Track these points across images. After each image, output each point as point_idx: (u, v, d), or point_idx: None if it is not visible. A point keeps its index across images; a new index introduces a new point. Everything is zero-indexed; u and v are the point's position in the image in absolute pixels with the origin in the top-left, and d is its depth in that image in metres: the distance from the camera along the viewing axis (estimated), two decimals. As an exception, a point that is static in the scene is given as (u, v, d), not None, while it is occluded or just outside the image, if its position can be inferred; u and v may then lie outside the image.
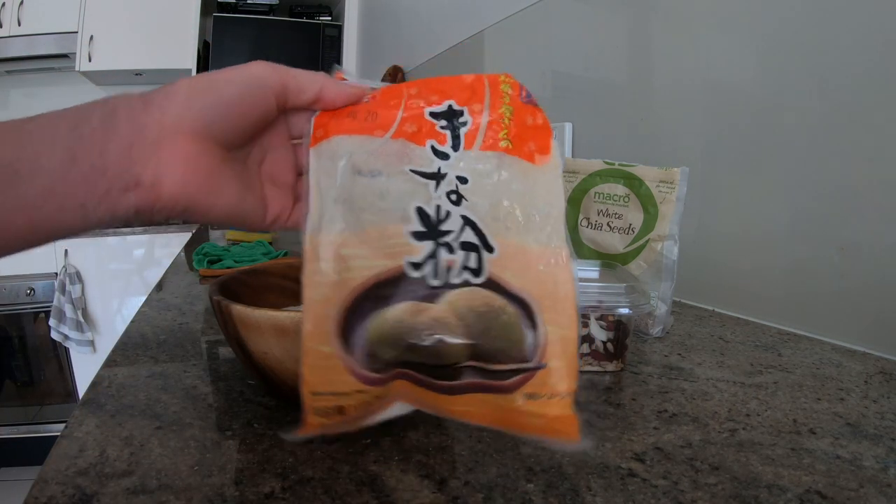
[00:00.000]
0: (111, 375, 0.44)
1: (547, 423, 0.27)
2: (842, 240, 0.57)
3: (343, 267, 0.27)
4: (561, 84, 1.03)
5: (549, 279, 0.28)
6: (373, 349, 0.27)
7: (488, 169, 0.29)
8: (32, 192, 0.23)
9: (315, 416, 0.27)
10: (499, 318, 0.27)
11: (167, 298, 0.72)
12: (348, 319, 0.27)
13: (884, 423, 0.38)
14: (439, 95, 0.30)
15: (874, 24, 0.54)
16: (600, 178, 0.62)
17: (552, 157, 0.30)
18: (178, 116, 0.26)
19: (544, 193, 0.29)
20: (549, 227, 0.28)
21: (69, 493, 0.28)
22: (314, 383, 0.27)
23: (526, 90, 0.31)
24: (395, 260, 0.27)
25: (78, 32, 2.28)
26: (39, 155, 0.23)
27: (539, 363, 0.27)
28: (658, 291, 0.57)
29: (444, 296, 0.27)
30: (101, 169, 0.24)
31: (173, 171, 0.26)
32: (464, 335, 0.27)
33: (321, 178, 0.29)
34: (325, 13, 2.61)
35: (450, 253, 0.28)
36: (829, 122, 0.58)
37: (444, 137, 0.29)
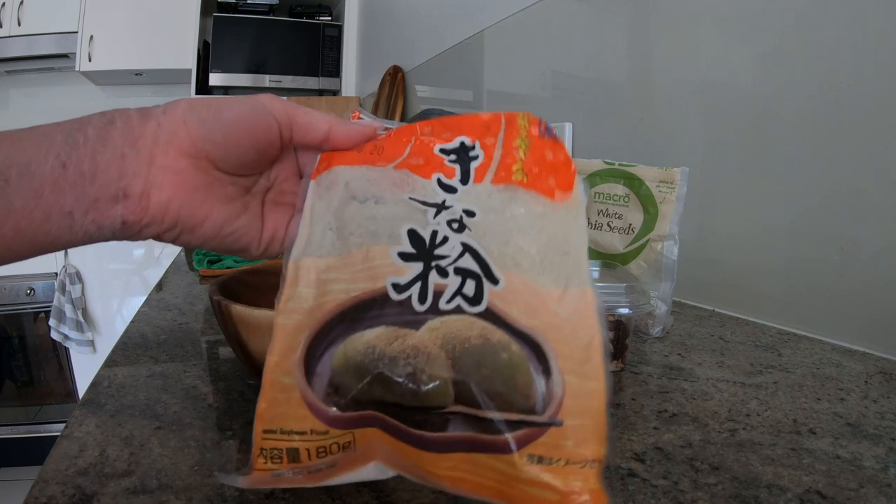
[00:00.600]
0: (111, 375, 0.44)
1: (562, 498, 0.21)
2: (842, 240, 0.57)
3: (321, 291, 0.24)
4: (561, 84, 1.03)
5: (567, 324, 0.23)
6: (337, 379, 0.23)
7: (500, 203, 0.25)
8: (21, 199, 0.23)
9: (263, 460, 0.23)
10: (497, 354, 0.22)
11: (167, 298, 0.72)
12: (316, 346, 0.23)
13: (884, 423, 0.38)
14: (451, 133, 0.27)
15: (874, 25, 0.54)
16: (600, 178, 0.62)
17: (574, 195, 0.26)
18: (174, 131, 0.26)
19: (564, 232, 0.25)
20: (570, 268, 0.24)
21: (69, 493, 0.28)
22: (268, 420, 0.23)
23: (546, 124, 0.28)
24: (377, 282, 0.24)
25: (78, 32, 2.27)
26: (31, 162, 0.23)
27: (552, 419, 0.21)
28: (658, 291, 0.57)
29: (427, 322, 0.23)
30: (91, 177, 0.24)
31: (163, 183, 0.25)
32: (448, 370, 0.22)
33: (316, 204, 0.27)
34: (325, 13, 2.61)
35: (442, 277, 0.23)
36: (829, 121, 0.58)
37: (453, 171, 0.26)
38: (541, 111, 1.07)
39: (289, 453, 0.23)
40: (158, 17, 2.37)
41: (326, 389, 0.23)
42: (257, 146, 0.28)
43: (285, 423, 0.23)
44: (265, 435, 0.23)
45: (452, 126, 0.28)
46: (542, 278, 0.23)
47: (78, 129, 0.25)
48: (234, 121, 0.27)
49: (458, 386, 0.22)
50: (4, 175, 0.23)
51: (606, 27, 0.92)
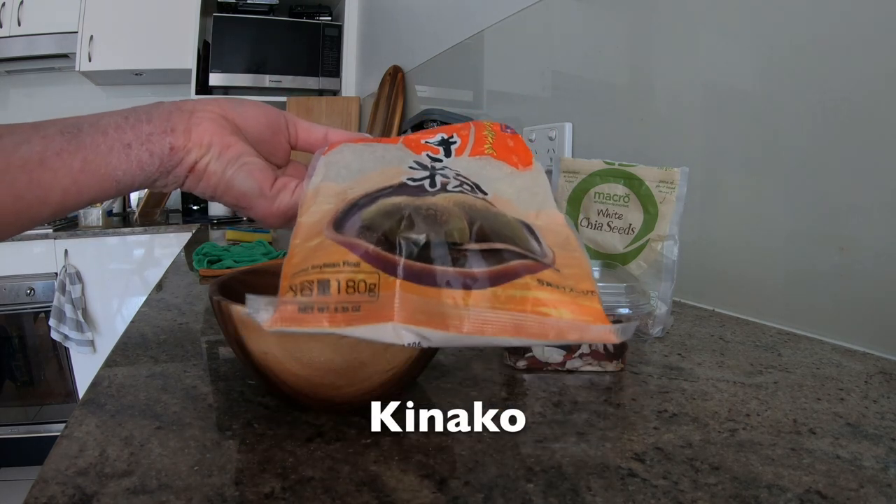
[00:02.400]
0: (111, 375, 0.44)
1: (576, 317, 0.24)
2: (842, 240, 0.57)
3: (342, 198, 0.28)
4: (561, 84, 1.03)
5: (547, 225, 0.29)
6: (369, 223, 0.25)
7: (478, 167, 0.33)
8: (90, 138, 0.30)
9: (292, 293, 0.23)
10: (500, 217, 0.27)
11: (167, 298, 0.72)
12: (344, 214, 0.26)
13: (884, 423, 0.38)
14: (432, 135, 0.36)
15: (874, 25, 0.54)
16: (600, 178, 0.62)
17: (535, 166, 0.34)
18: (206, 103, 0.34)
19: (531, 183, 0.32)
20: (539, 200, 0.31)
21: (69, 493, 0.28)
22: (296, 264, 0.24)
23: (506, 125, 0.37)
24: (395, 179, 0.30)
25: (78, 32, 2.27)
26: (100, 118, 0.31)
27: (551, 263, 0.25)
28: (658, 291, 0.57)
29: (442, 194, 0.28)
30: (147, 120, 0.32)
31: (201, 123, 0.33)
32: (464, 218, 0.26)
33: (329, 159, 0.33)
34: (325, 13, 2.61)
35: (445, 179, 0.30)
36: (829, 121, 0.58)
37: (438, 150, 0.34)
38: (541, 111, 1.07)
39: (320, 285, 0.23)
40: (158, 17, 2.37)
41: (359, 230, 0.25)
42: (270, 124, 0.36)
43: (317, 259, 0.23)
44: (295, 276, 0.23)
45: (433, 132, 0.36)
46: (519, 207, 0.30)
47: (131, 110, 0.33)
48: (251, 104, 0.36)
49: (473, 227, 0.25)
50: (77, 125, 0.31)
51: (606, 27, 0.92)
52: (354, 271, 0.23)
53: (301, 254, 0.24)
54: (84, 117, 0.31)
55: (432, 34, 1.61)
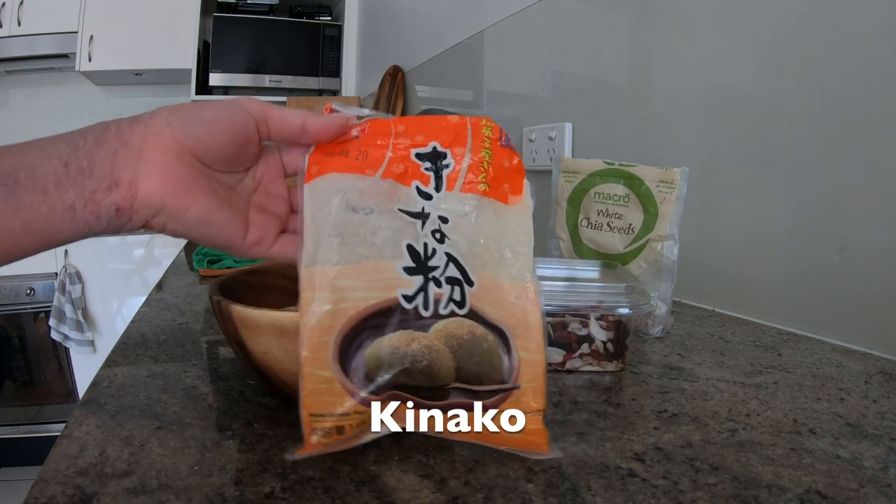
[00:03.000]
0: (111, 375, 0.44)
1: (522, 437, 0.31)
2: (842, 240, 0.57)
3: (339, 297, 0.29)
4: (561, 84, 1.03)
5: (519, 310, 0.31)
6: (371, 373, 0.29)
7: (467, 210, 0.32)
8: (29, 196, 0.26)
9: (316, 436, 0.28)
10: (481, 344, 0.31)
11: (167, 298, 0.72)
12: (346, 346, 0.29)
13: (884, 423, 0.38)
14: (424, 136, 0.33)
15: (874, 25, 0.54)
16: (600, 178, 0.62)
17: (524, 198, 0.34)
18: (159, 131, 0.29)
19: (516, 233, 0.33)
20: (520, 264, 0.32)
21: (69, 493, 0.28)
22: (313, 406, 0.28)
23: (505, 134, 0.34)
24: (388, 292, 0.30)
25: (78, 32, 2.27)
26: (37, 165, 0.27)
27: (514, 383, 0.31)
28: (658, 291, 0.57)
29: (433, 325, 0.30)
30: (89, 172, 0.27)
31: (149, 174, 0.29)
32: (451, 360, 0.30)
33: (315, 212, 0.30)
34: (325, 13, 2.61)
35: (437, 287, 0.31)
36: (829, 121, 0.58)
37: (428, 179, 0.32)
38: (541, 111, 1.07)
39: (336, 430, 0.29)
40: (158, 17, 2.37)
41: (364, 380, 0.29)
42: (235, 141, 0.31)
43: (331, 408, 0.28)
44: (314, 418, 0.28)
45: (424, 128, 0.33)
46: (500, 272, 0.32)
47: (78, 136, 0.28)
48: (211, 119, 0.30)
49: (458, 370, 0.30)
50: (13, 177, 0.26)
51: (606, 27, 0.92)
52: (362, 414, 0.29)
53: (312, 385, 0.28)
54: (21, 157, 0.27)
55: (432, 34, 1.61)
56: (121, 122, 0.29)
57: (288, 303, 0.45)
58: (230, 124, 0.30)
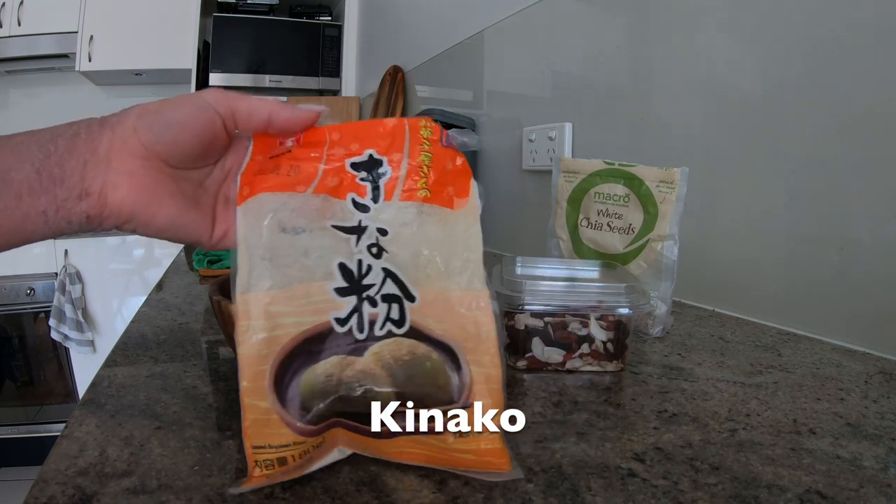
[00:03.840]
0: (111, 375, 0.44)
1: (478, 457, 0.29)
2: (842, 240, 0.57)
3: (273, 324, 0.28)
4: (561, 84, 1.03)
5: (470, 322, 0.29)
6: (306, 402, 0.28)
7: (408, 219, 0.30)
8: (3, 201, 0.27)
9: (259, 469, 0.28)
10: (423, 364, 0.29)
11: (167, 298, 0.72)
12: (281, 374, 0.28)
13: (884, 423, 0.38)
14: (360, 144, 0.31)
15: (874, 24, 0.54)
16: (600, 178, 0.62)
17: (470, 199, 0.31)
18: (126, 137, 0.29)
19: (463, 239, 0.30)
20: (469, 272, 0.30)
21: (69, 493, 0.28)
22: (255, 437, 0.28)
23: (446, 134, 0.32)
24: (321, 316, 0.29)
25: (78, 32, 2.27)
26: (10, 169, 0.27)
27: (465, 402, 0.29)
28: (658, 291, 0.57)
29: (369, 348, 0.29)
30: (60, 181, 0.28)
31: (117, 183, 0.29)
32: (390, 385, 0.29)
33: (248, 235, 0.29)
34: (325, 13, 2.61)
35: (373, 306, 0.29)
36: (829, 121, 0.58)
37: (365, 190, 0.30)
38: (541, 111, 1.07)
39: (278, 461, 0.28)
40: (158, 17, 2.37)
41: (300, 411, 0.28)
42: (203, 140, 0.31)
43: (271, 439, 0.28)
44: (255, 450, 0.28)
45: (360, 135, 0.31)
46: (448, 283, 0.30)
47: (49, 139, 0.28)
48: (178, 122, 0.30)
49: (398, 394, 0.29)
50: None
51: (606, 27, 0.92)
52: (302, 445, 0.28)
53: (253, 416, 0.28)
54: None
55: (432, 34, 1.61)
56: (91, 127, 0.29)
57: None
58: (197, 126, 0.30)
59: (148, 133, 0.29)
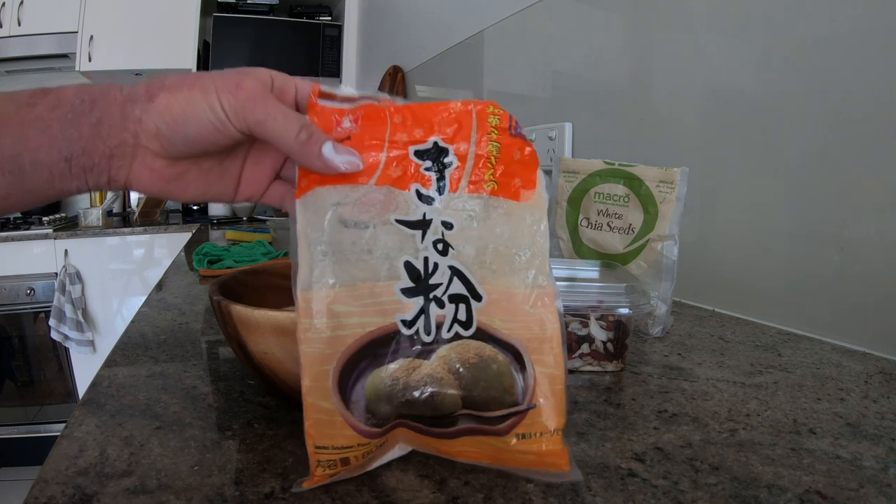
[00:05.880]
0: (111, 375, 0.44)
1: (539, 458, 0.29)
2: (842, 240, 0.57)
3: (336, 323, 0.28)
4: (561, 84, 1.03)
5: (535, 320, 0.29)
6: (371, 406, 0.28)
7: (474, 212, 0.29)
8: (35, 183, 0.28)
9: (321, 469, 0.28)
10: (489, 367, 0.28)
11: (167, 298, 0.72)
12: (346, 376, 0.28)
13: (884, 423, 0.38)
14: (424, 130, 0.30)
15: (873, 24, 0.54)
16: (600, 178, 0.62)
17: (537, 192, 0.30)
18: (148, 139, 0.29)
19: (529, 233, 0.30)
20: (535, 268, 0.29)
21: (69, 493, 0.28)
22: (318, 438, 0.27)
23: (515, 122, 0.31)
24: (387, 317, 0.28)
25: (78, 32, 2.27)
26: (38, 152, 0.28)
27: (529, 404, 0.29)
28: (658, 291, 0.57)
29: (436, 351, 0.28)
30: (89, 168, 0.29)
31: (141, 178, 0.31)
32: (457, 388, 0.28)
33: (308, 230, 0.28)
34: (325, 13, 2.61)
35: (440, 308, 0.28)
36: (829, 121, 0.58)
37: (430, 181, 0.29)
38: (541, 111, 1.07)
39: (341, 461, 0.28)
40: (158, 17, 2.37)
41: (365, 414, 0.28)
42: (223, 149, 0.31)
43: (335, 440, 0.28)
44: (318, 450, 0.27)
45: (424, 119, 0.30)
46: (513, 279, 0.29)
47: (72, 123, 0.28)
48: (196, 139, 0.29)
49: (465, 397, 0.28)
50: (18, 163, 0.28)
51: (606, 27, 0.92)
52: (366, 447, 0.28)
53: (315, 416, 0.27)
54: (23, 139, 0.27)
55: (432, 34, 1.61)
56: (112, 116, 0.29)
57: (288, 303, 0.45)
58: (216, 142, 0.29)
59: (169, 143, 0.29)
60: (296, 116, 0.29)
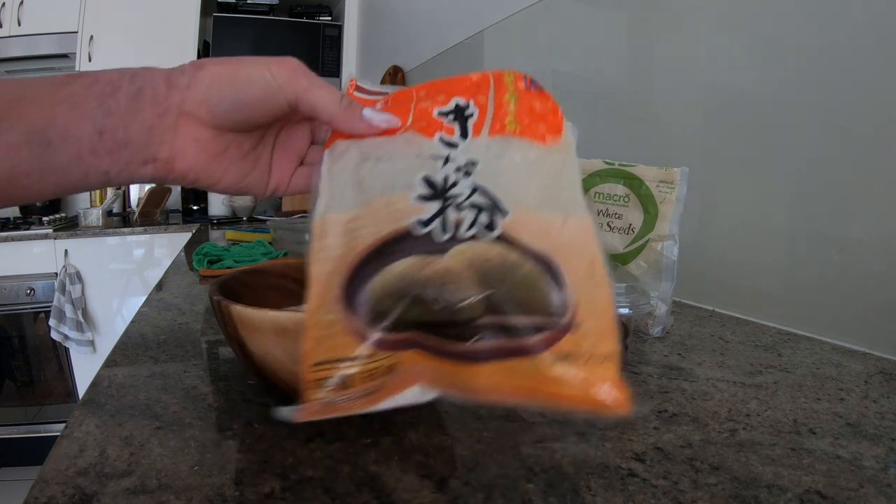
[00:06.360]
0: (111, 375, 0.44)
1: (586, 392, 0.24)
2: (842, 240, 0.57)
3: (350, 239, 0.27)
4: (561, 84, 1.03)
5: (573, 243, 0.26)
6: (377, 305, 0.25)
7: (498, 152, 0.28)
8: (61, 160, 0.26)
9: (315, 390, 0.24)
10: (515, 271, 0.25)
11: (167, 298, 0.72)
12: (352, 282, 0.25)
13: (884, 423, 0.38)
14: (446, 95, 0.30)
15: (873, 24, 0.54)
16: (600, 178, 0.62)
17: (564, 137, 0.29)
18: (196, 106, 0.29)
19: (558, 171, 0.28)
20: (567, 200, 0.27)
21: (69, 493, 0.28)
22: (315, 353, 0.25)
23: (530, 79, 0.31)
24: (400, 222, 0.26)
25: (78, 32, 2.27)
26: (69, 126, 0.26)
27: (569, 322, 0.24)
28: (658, 291, 0.57)
29: (453, 248, 0.25)
30: (124, 144, 0.27)
31: (186, 152, 0.29)
32: (477, 286, 0.24)
33: (332, 166, 0.29)
34: (325, 13, 2.61)
35: (459, 211, 0.26)
36: (829, 121, 0.58)
37: (453, 129, 0.29)
38: (541, 111, 1.07)
39: (340, 382, 0.25)
40: (158, 17, 2.37)
41: (369, 316, 0.25)
42: (269, 119, 0.31)
43: (333, 352, 0.25)
44: (314, 368, 0.25)
45: (445, 88, 0.31)
46: (542, 208, 0.27)
47: (109, 94, 0.27)
48: (248, 104, 0.29)
49: (486, 299, 0.24)
50: (46, 137, 0.26)
51: (606, 27, 0.92)
52: (370, 361, 0.25)
53: (316, 332, 0.25)
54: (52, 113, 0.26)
55: (432, 34, 1.61)
56: (155, 84, 0.28)
57: (288, 303, 0.45)
58: (264, 109, 0.30)
59: (218, 107, 0.29)
60: (335, 88, 0.30)
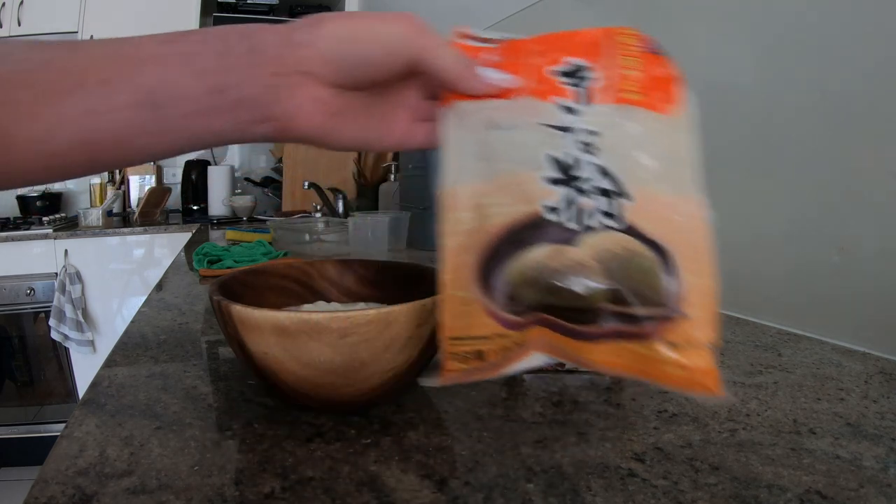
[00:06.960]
0: (111, 375, 0.44)
1: (688, 374, 0.27)
2: (842, 240, 0.57)
3: (480, 215, 0.28)
4: (561, 84, 1.03)
5: (686, 228, 0.28)
6: (513, 291, 0.27)
7: (617, 122, 0.29)
8: (172, 121, 0.26)
9: (454, 361, 0.27)
10: (636, 262, 0.27)
11: (167, 298, 0.72)
12: (487, 264, 0.27)
13: (884, 423, 0.38)
14: (562, 52, 0.30)
15: (874, 24, 0.54)
16: (600, 178, 0.62)
17: (681, 106, 0.30)
18: (317, 64, 0.28)
19: (676, 144, 0.29)
20: (684, 177, 0.29)
21: (69, 493, 0.28)
22: (454, 328, 0.27)
23: (655, 41, 0.31)
24: (531, 205, 0.28)
25: (78, 32, 2.27)
26: (180, 84, 0.25)
27: (680, 311, 0.27)
28: (658, 291, 0.57)
29: (582, 239, 0.27)
30: (238, 103, 0.27)
31: (305, 111, 0.28)
32: (603, 277, 0.27)
33: (455, 132, 0.29)
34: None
35: (586, 198, 0.28)
36: (829, 121, 0.58)
37: (567, 91, 0.29)
38: (541, 111, 1.07)
39: (476, 354, 0.27)
40: (158, 17, 2.37)
41: (504, 299, 0.27)
42: (390, 76, 0.29)
43: (471, 330, 0.27)
44: (453, 342, 0.27)
45: (560, 45, 0.31)
46: (661, 186, 0.28)
47: (223, 52, 0.26)
48: (370, 63, 0.28)
49: (611, 290, 0.27)
50: (156, 96, 0.25)
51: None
52: (504, 339, 0.27)
53: (453, 308, 0.27)
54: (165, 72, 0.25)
55: (432, 34, 1.61)
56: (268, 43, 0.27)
57: (288, 303, 0.45)
58: (385, 67, 0.29)
59: (341, 64, 0.28)
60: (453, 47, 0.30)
